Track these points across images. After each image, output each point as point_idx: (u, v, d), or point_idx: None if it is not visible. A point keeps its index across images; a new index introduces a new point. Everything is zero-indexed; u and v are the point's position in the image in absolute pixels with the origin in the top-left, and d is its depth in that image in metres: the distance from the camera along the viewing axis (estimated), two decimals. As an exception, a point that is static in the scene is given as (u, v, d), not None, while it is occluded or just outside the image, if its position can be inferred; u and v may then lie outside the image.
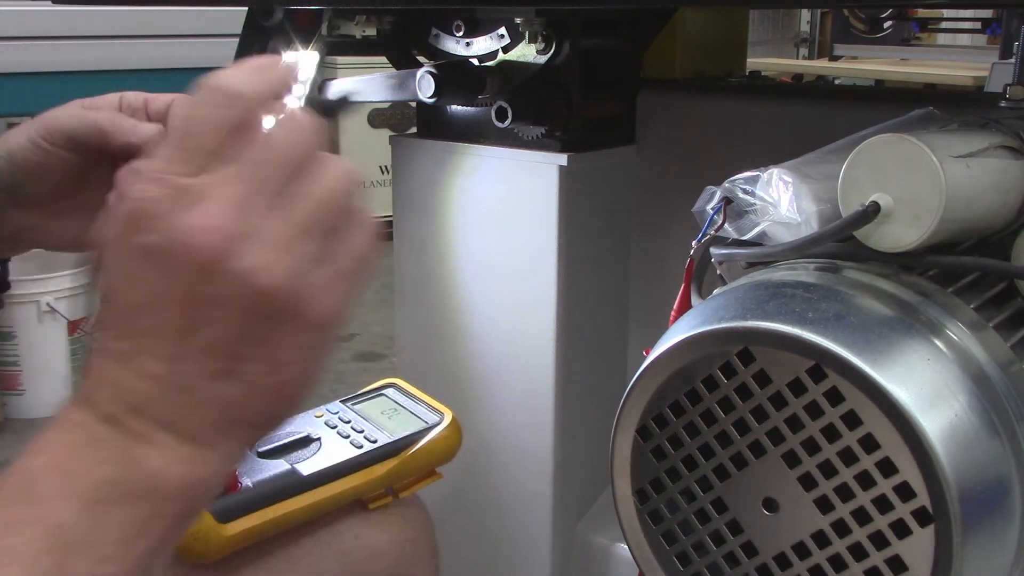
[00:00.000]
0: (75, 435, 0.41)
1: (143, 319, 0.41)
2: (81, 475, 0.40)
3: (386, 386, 0.87)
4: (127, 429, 0.41)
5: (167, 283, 0.40)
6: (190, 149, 0.40)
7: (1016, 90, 0.72)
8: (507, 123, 1.03)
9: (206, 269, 0.39)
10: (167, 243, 0.39)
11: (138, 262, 0.40)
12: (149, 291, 0.40)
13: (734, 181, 0.65)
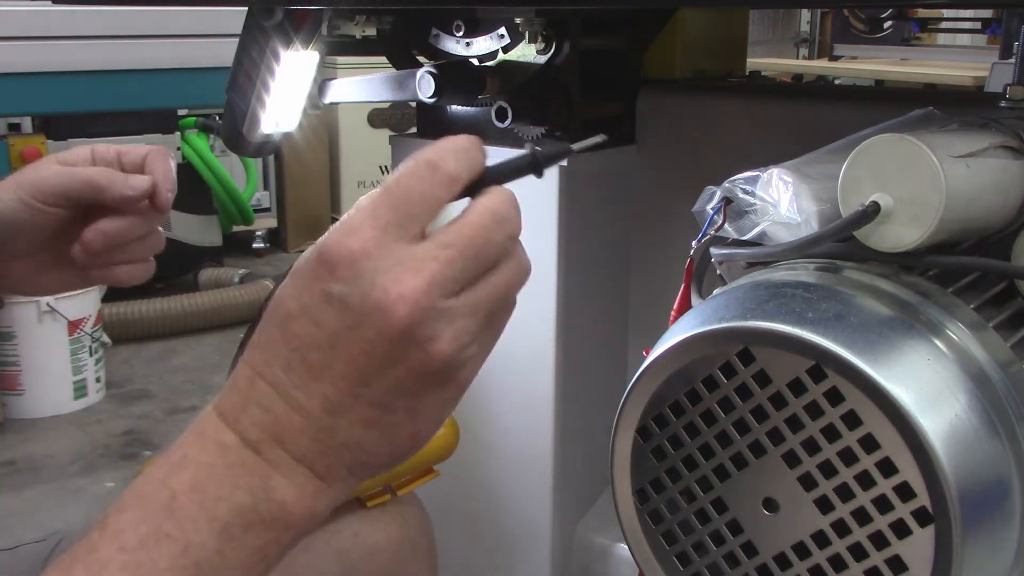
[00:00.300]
0: (217, 456, 0.43)
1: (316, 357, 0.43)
2: (219, 498, 0.43)
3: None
4: (266, 458, 0.43)
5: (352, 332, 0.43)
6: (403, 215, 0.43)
7: (1016, 90, 0.72)
8: (507, 123, 1.03)
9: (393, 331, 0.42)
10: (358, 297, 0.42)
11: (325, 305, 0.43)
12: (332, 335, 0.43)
13: (734, 181, 0.65)
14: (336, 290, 0.43)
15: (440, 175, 0.44)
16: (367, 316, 0.42)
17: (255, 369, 0.44)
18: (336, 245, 0.43)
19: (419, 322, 0.42)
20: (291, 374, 0.44)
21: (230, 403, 0.45)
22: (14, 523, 2.10)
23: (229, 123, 1.17)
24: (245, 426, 0.44)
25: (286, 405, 0.44)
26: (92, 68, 2.66)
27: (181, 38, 2.72)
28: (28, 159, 2.81)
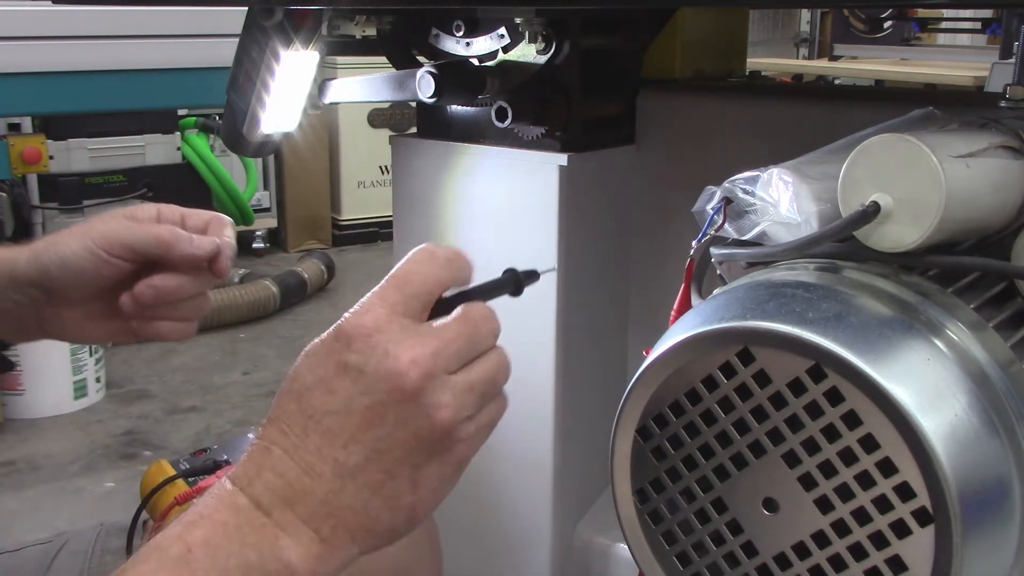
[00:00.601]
0: (229, 516, 0.47)
1: (330, 422, 0.48)
2: (230, 554, 0.46)
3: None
4: (275, 520, 0.48)
5: (365, 397, 0.48)
6: (408, 295, 0.50)
7: (1016, 90, 0.72)
8: (507, 123, 1.03)
9: (401, 394, 0.48)
10: (372, 366, 0.48)
11: (340, 375, 0.48)
12: (346, 400, 0.48)
13: (734, 181, 0.65)
14: (352, 360, 0.48)
15: (437, 258, 0.52)
16: (380, 381, 0.48)
17: (270, 440, 0.49)
18: (351, 322, 0.49)
19: (426, 388, 0.48)
20: (306, 439, 0.48)
21: (244, 471, 0.49)
22: (14, 523, 2.10)
23: (229, 123, 1.17)
24: (259, 490, 0.48)
25: (299, 469, 0.48)
26: (92, 68, 2.66)
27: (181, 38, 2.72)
28: (28, 159, 2.81)
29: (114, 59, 2.67)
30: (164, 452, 2.36)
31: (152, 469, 0.73)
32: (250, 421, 2.54)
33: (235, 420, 2.60)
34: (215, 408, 2.69)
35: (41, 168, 2.93)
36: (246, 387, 2.84)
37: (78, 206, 3.49)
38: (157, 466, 0.73)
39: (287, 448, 0.49)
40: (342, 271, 3.96)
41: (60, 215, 3.47)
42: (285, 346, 3.19)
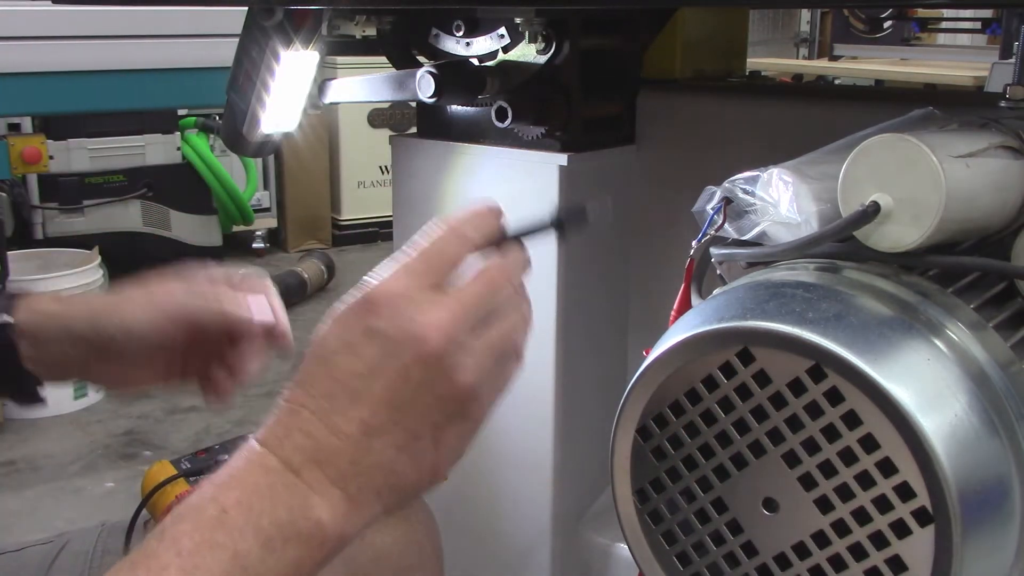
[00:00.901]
0: (260, 477, 0.49)
1: (356, 384, 0.50)
2: (263, 514, 0.48)
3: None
4: (305, 479, 0.49)
5: (390, 360, 0.50)
6: (431, 267, 0.52)
7: (1016, 90, 0.72)
8: (507, 123, 1.03)
9: (425, 358, 0.50)
10: (395, 330, 0.50)
11: (366, 339, 0.51)
12: (372, 364, 0.50)
13: (734, 181, 0.65)
14: (378, 325, 0.50)
15: (459, 237, 0.54)
16: (404, 345, 0.50)
17: (298, 402, 0.51)
18: (379, 289, 0.52)
19: (448, 351, 0.50)
20: (333, 401, 0.50)
21: (272, 433, 0.51)
22: (14, 523, 2.10)
23: (229, 123, 1.17)
24: (288, 451, 0.50)
25: (327, 430, 0.50)
26: (92, 68, 2.66)
27: (181, 38, 2.72)
28: (28, 159, 2.81)
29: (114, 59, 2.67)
30: (164, 452, 2.36)
31: (154, 469, 0.73)
32: (250, 421, 2.54)
33: (235, 420, 2.60)
34: (215, 408, 2.69)
35: (41, 168, 2.93)
36: (246, 387, 2.83)
37: (78, 206, 3.50)
38: (160, 466, 0.73)
39: (315, 410, 0.50)
40: (342, 271, 3.96)
41: (60, 215, 3.47)
42: (285, 346, 3.19)
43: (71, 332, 0.72)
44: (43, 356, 0.73)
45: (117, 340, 0.72)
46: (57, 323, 0.73)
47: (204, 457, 0.73)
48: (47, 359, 0.73)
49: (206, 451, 0.74)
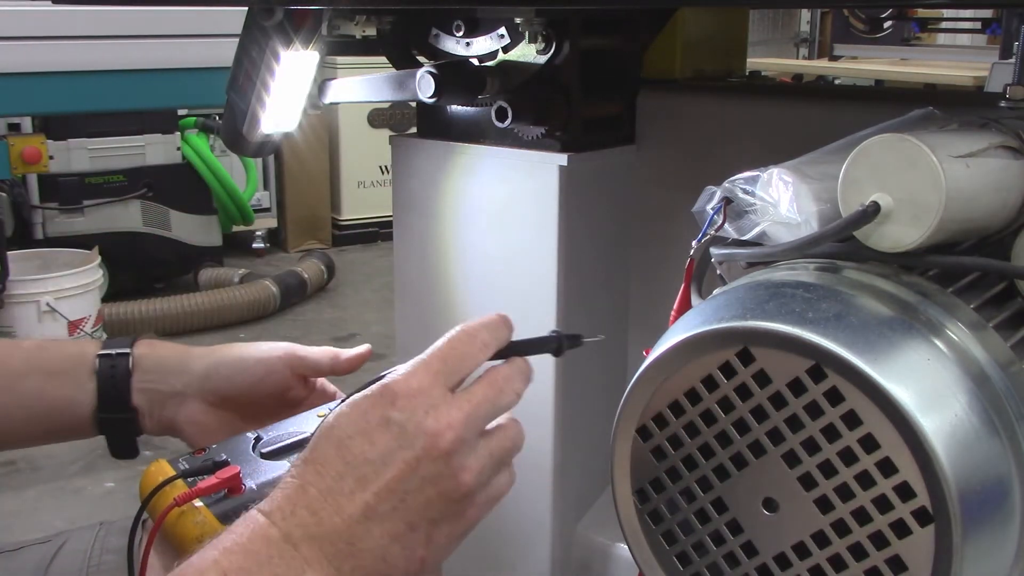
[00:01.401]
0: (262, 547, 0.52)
1: (367, 470, 0.53)
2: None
3: (386, 386, 0.86)
4: (303, 554, 0.52)
5: (402, 452, 0.53)
6: (450, 369, 0.56)
7: (1016, 90, 0.72)
8: (507, 123, 1.03)
9: (436, 454, 0.53)
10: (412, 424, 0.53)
11: (382, 428, 0.54)
12: (385, 453, 0.53)
13: (734, 181, 0.65)
14: (395, 417, 0.54)
15: (476, 342, 0.58)
16: (418, 439, 0.53)
17: (306, 479, 0.54)
18: (400, 381, 0.55)
19: (457, 450, 0.54)
20: (341, 482, 0.53)
21: (278, 506, 0.53)
22: (14, 523, 2.10)
23: (229, 123, 1.17)
24: (291, 525, 0.52)
25: (331, 510, 0.52)
26: (92, 68, 2.66)
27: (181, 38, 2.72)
28: (28, 159, 2.81)
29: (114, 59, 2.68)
30: (164, 452, 2.35)
31: (151, 469, 0.72)
32: (250, 421, 2.54)
33: (235, 420, 2.60)
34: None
35: (41, 168, 2.93)
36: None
37: (78, 206, 3.50)
38: (156, 466, 0.73)
39: (322, 489, 0.53)
40: (342, 271, 3.96)
41: (60, 215, 3.48)
42: (285, 346, 3.18)
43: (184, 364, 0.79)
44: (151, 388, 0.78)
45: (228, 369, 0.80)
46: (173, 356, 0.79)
47: (202, 457, 0.73)
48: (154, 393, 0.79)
49: (204, 451, 0.74)
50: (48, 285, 2.56)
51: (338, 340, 3.25)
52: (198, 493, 0.67)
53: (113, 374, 0.76)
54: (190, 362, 0.78)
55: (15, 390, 0.76)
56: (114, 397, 0.76)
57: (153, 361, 0.78)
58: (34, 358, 0.77)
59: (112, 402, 0.77)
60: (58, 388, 0.76)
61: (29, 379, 0.76)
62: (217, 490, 0.68)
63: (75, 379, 0.76)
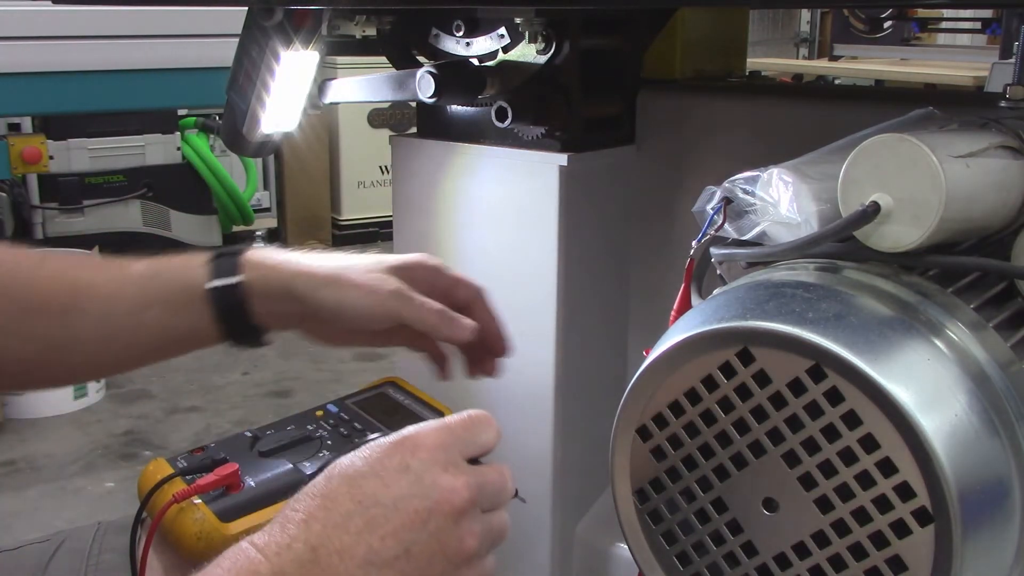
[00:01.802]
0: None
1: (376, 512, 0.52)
2: None
3: (386, 384, 0.87)
4: None
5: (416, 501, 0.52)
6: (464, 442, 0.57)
7: (1016, 90, 0.72)
8: (507, 123, 1.03)
9: (447, 511, 0.53)
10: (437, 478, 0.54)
11: (399, 473, 0.53)
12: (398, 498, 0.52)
13: (734, 181, 0.65)
14: (414, 465, 0.53)
15: (493, 429, 0.60)
16: (435, 490, 0.53)
17: (310, 514, 0.52)
18: (424, 434, 0.55)
19: (467, 512, 0.54)
20: (349, 522, 0.51)
21: (273, 540, 0.51)
22: (14, 523, 2.10)
23: (229, 123, 1.17)
24: (285, 561, 0.50)
25: (333, 549, 0.50)
26: (92, 68, 2.66)
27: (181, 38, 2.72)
28: (28, 159, 2.81)
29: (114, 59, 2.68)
30: (164, 452, 2.36)
31: (150, 467, 0.73)
32: (249, 421, 2.54)
33: (235, 420, 2.60)
34: (215, 408, 2.69)
35: (41, 168, 2.93)
36: (246, 387, 2.84)
37: (78, 206, 3.50)
38: (155, 464, 0.73)
39: (327, 524, 0.51)
40: (342, 271, 3.95)
41: (60, 215, 3.48)
42: (285, 346, 3.19)
43: (291, 293, 0.76)
44: (267, 311, 0.76)
45: (330, 312, 0.75)
46: (280, 284, 0.76)
47: (201, 455, 0.73)
48: (270, 313, 0.77)
49: (203, 449, 0.74)
50: (48, 285, 2.56)
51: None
52: (196, 490, 0.68)
53: (229, 304, 0.76)
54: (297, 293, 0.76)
55: (136, 324, 0.76)
56: (235, 321, 0.76)
57: (263, 288, 0.76)
58: (150, 290, 0.76)
59: (234, 325, 0.77)
60: (178, 319, 0.76)
61: (150, 312, 0.76)
62: (216, 487, 0.68)
63: (194, 310, 0.76)
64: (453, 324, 0.76)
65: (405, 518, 0.52)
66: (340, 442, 0.76)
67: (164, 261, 0.78)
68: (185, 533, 0.67)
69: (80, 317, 0.74)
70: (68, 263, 0.76)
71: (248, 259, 0.77)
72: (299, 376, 2.92)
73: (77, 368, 0.79)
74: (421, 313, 0.75)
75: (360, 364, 3.02)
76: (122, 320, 0.75)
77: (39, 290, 0.74)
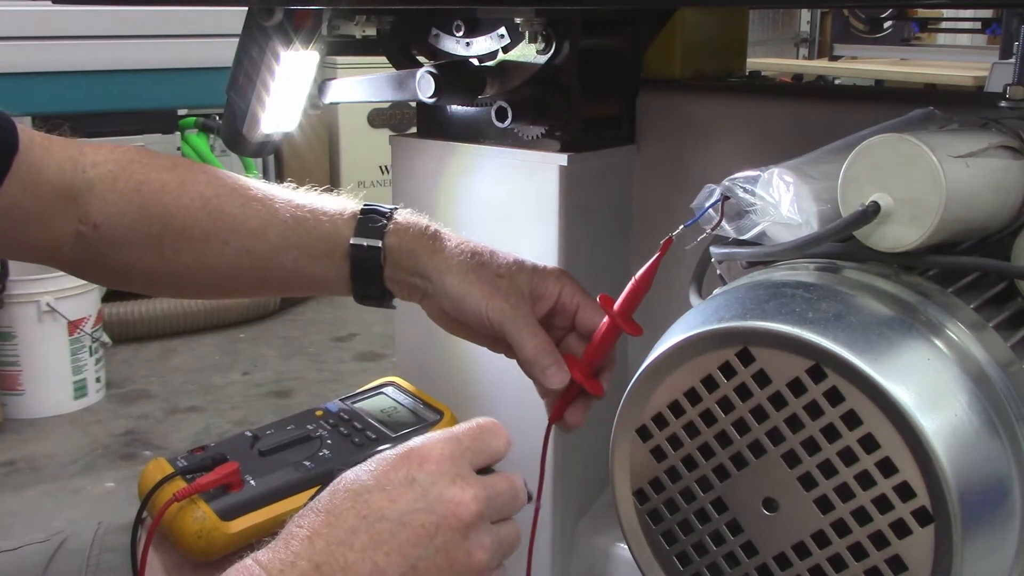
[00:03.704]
0: None
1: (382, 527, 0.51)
2: None
3: (386, 384, 0.87)
4: None
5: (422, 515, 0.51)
6: (474, 451, 0.56)
7: (1016, 90, 0.72)
8: (507, 123, 1.03)
9: (455, 525, 0.51)
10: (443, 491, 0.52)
11: (405, 487, 0.52)
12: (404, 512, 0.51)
13: (734, 180, 0.65)
14: (420, 478, 0.52)
15: (503, 437, 0.59)
16: (441, 504, 0.52)
17: (314, 530, 0.51)
18: (430, 445, 0.54)
19: (476, 526, 0.52)
20: (354, 538, 0.50)
21: (276, 557, 0.50)
22: (14, 523, 2.10)
23: (229, 123, 1.17)
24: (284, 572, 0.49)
25: (337, 565, 0.49)
26: (92, 68, 2.67)
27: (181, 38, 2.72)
28: (28, 159, 2.80)
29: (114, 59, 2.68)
30: (164, 452, 2.36)
31: (150, 467, 0.72)
32: (250, 421, 2.54)
33: (235, 420, 2.60)
34: (215, 408, 2.70)
35: (41, 168, 2.92)
36: (246, 387, 2.84)
37: (78, 206, 3.49)
38: (155, 463, 0.73)
39: (331, 541, 0.50)
40: (342, 271, 3.95)
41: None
42: (285, 346, 3.19)
43: (423, 270, 0.77)
44: (397, 278, 0.78)
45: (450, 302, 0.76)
46: (415, 258, 0.77)
47: (201, 455, 0.73)
48: (400, 281, 0.78)
49: (203, 448, 0.74)
50: (48, 285, 2.56)
51: (338, 340, 3.25)
52: (197, 489, 0.68)
53: (366, 264, 0.77)
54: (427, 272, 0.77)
55: (274, 263, 0.77)
56: (368, 281, 0.78)
57: (398, 256, 0.77)
58: (291, 234, 0.77)
59: (366, 285, 0.78)
60: (315, 267, 0.78)
61: (287, 254, 0.77)
62: (216, 486, 0.68)
63: (331, 262, 0.78)
64: (544, 371, 0.73)
65: (411, 533, 0.51)
66: (340, 442, 0.76)
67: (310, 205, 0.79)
68: (186, 532, 0.67)
69: (220, 247, 0.76)
70: (214, 190, 0.78)
71: (395, 223, 0.77)
72: (299, 376, 2.93)
73: (206, 289, 0.81)
74: (520, 341, 0.74)
75: (360, 364, 3.02)
76: (260, 258, 0.77)
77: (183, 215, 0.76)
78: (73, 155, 0.76)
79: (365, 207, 0.79)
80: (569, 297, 0.76)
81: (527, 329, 0.74)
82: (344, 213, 0.79)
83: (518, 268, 0.77)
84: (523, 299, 0.75)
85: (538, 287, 0.76)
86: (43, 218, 0.75)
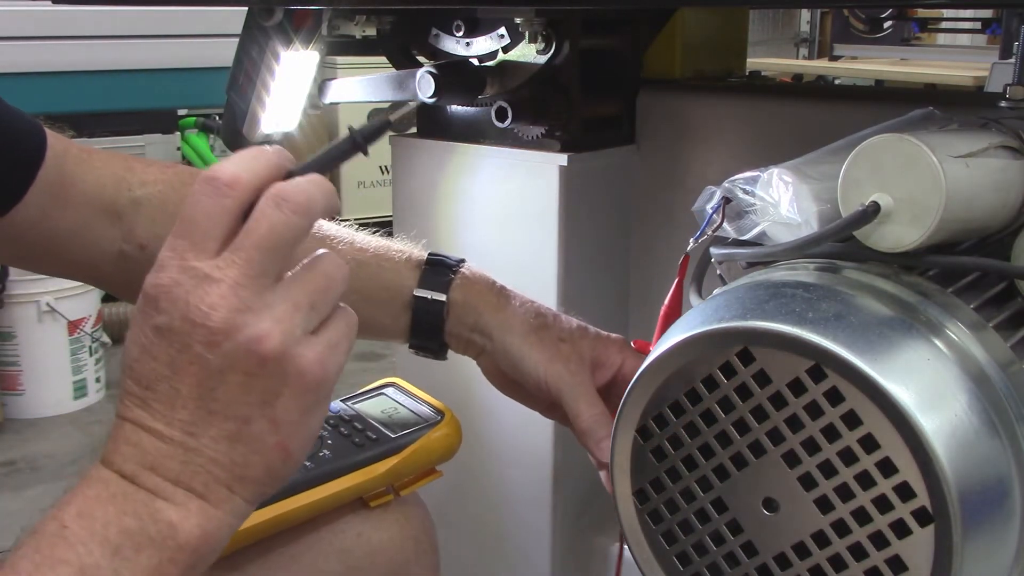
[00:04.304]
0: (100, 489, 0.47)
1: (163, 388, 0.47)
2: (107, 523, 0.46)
3: (386, 385, 0.87)
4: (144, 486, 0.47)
5: (179, 356, 0.46)
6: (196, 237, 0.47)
7: (1016, 90, 0.72)
8: (507, 123, 1.03)
9: (212, 341, 0.46)
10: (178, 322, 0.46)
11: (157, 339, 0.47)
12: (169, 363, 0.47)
13: (734, 181, 0.65)
14: (161, 322, 0.47)
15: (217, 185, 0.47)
16: (190, 335, 0.46)
17: (120, 415, 0.48)
18: (150, 284, 0.47)
19: (238, 323, 0.46)
20: (148, 409, 0.47)
21: (106, 448, 0.48)
22: (14, 523, 2.10)
23: (229, 123, 1.17)
24: (119, 463, 0.48)
25: (150, 436, 0.47)
26: (92, 68, 2.67)
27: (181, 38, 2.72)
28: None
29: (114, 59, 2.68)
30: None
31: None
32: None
33: (235, 420, 2.60)
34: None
35: (41, 168, 2.92)
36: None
37: (78, 206, 3.49)
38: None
39: (134, 419, 0.48)
40: (342, 271, 3.95)
41: (60, 215, 3.47)
42: (285, 346, 3.19)
43: (484, 328, 0.76)
44: (456, 333, 0.77)
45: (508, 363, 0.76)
46: (478, 315, 0.76)
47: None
48: (458, 336, 0.77)
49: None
50: (48, 285, 2.56)
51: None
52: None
53: (428, 317, 0.76)
54: (488, 330, 0.76)
55: None
56: (428, 333, 0.77)
57: (461, 311, 0.76)
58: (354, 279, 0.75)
59: (426, 335, 0.77)
60: (373, 313, 0.76)
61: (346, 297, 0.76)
62: None
63: (390, 310, 0.76)
64: (599, 443, 0.71)
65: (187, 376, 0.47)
66: (341, 442, 0.76)
67: (372, 249, 0.77)
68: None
69: None
70: None
71: (461, 276, 0.76)
72: (299, 376, 2.92)
73: None
74: (576, 410, 0.73)
75: (360, 364, 3.02)
76: None
77: None
78: (117, 171, 0.74)
79: (431, 256, 0.78)
80: (631, 368, 0.74)
81: (584, 398, 0.73)
82: (409, 261, 0.77)
83: (581, 334, 0.76)
84: (583, 366, 0.74)
85: (600, 355, 0.75)
86: (78, 234, 0.72)
